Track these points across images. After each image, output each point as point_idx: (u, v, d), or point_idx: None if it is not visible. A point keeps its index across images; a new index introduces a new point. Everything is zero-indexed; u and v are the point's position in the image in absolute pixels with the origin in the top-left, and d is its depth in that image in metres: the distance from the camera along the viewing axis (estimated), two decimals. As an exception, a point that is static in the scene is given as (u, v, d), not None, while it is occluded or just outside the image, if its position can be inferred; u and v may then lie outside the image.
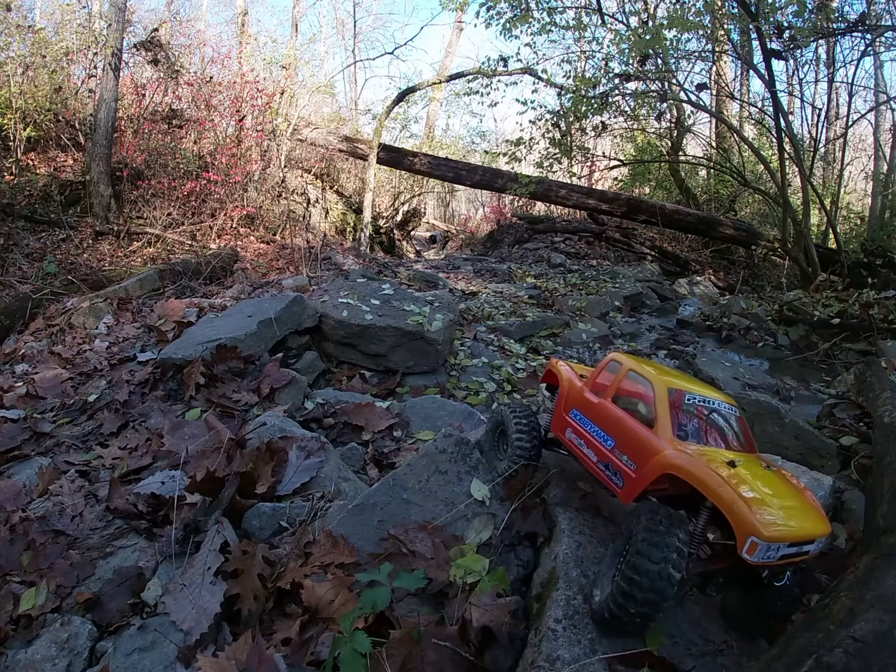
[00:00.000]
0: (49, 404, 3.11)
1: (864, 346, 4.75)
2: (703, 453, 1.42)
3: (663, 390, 1.57)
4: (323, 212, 11.64)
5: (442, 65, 18.24)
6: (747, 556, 1.24)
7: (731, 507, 1.26)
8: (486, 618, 1.48)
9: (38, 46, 8.18)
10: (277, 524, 1.98)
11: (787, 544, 1.27)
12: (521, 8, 7.99)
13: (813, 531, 1.33)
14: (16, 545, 1.97)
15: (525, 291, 6.70)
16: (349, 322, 3.77)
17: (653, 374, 1.64)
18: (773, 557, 1.26)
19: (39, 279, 6.01)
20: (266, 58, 11.85)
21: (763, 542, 1.22)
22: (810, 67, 10.62)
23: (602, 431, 1.67)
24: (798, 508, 1.36)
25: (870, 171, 13.33)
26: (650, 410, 1.57)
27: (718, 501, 1.29)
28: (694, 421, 1.56)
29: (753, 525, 1.23)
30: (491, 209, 17.56)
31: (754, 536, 1.22)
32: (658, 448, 1.46)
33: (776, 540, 1.24)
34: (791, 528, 1.29)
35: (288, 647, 1.53)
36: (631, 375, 1.71)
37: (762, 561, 1.25)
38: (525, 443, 1.95)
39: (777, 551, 1.26)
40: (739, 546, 1.25)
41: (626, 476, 1.53)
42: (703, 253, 11.17)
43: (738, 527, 1.25)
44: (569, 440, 1.83)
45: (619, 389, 1.71)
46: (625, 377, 1.71)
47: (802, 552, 1.32)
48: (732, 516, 1.26)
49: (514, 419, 2.00)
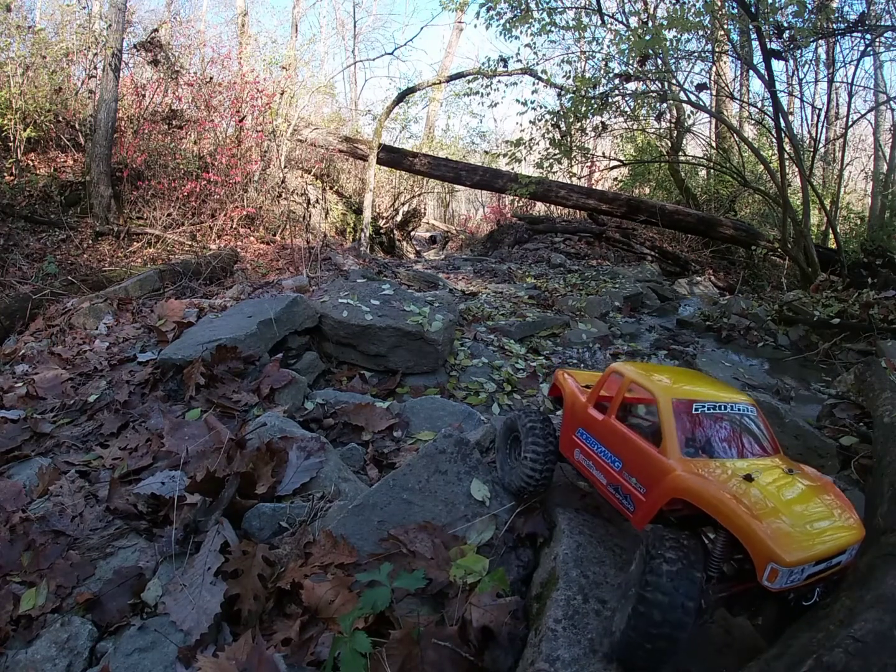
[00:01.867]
0: (49, 405, 3.11)
1: (864, 346, 4.75)
2: (717, 469, 1.36)
3: (667, 403, 1.48)
4: (323, 212, 11.64)
5: (442, 65, 18.26)
6: (768, 584, 1.16)
7: (747, 533, 1.18)
8: (486, 618, 1.48)
9: (38, 47, 8.19)
10: (277, 524, 1.97)
11: (812, 563, 1.19)
12: (521, 8, 8.00)
13: (843, 543, 1.24)
14: (16, 545, 1.97)
15: (525, 292, 6.70)
16: (349, 322, 3.77)
17: (656, 385, 1.55)
18: (797, 580, 1.18)
19: (39, 280, 6.02)
20: (266, 58, 11.87)
21: (785, 569, 1.14)
22: (810, 67, 10.64)
23: (609, 452, 1.58)
24: (825, 519, 1.27)
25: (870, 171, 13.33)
26: (656, 426, 1.49)
27: (733, 528, 1.21)
28: (704, 432, 1.47)
29: (772, 551, 1.14)
30: (491, 209, 17.57)
31: (774, 563, 1.14)
32: (667, 469, 1.37)
33: (799, 563, 1.16)
34: (816, 547, 1.20)
35: (288, 648, 1.53)
36: (634, 388, 1.63)
37: (786, 586, 1.17)
38: (539, 455, 1.83)
39: (802, 573, 1.18)
40: (759, 574, 1.17)
41: (637, 500, 1.44)
42: (703, 253, 11.17)
43: (755, 554, 1.17)
44: (578, 461, 1.73)
45: (622, 404, 1.63)
46: (627, 390, 1.63)
47: (832, 566, 1.24)
48: (749, 543, 1.18)
49: (529, 425, 1.88)
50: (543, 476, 1.84)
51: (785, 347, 5.33)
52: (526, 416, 1.92)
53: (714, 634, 1.49)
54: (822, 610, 1.29)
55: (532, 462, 1.82)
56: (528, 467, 1.83)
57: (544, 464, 1.83)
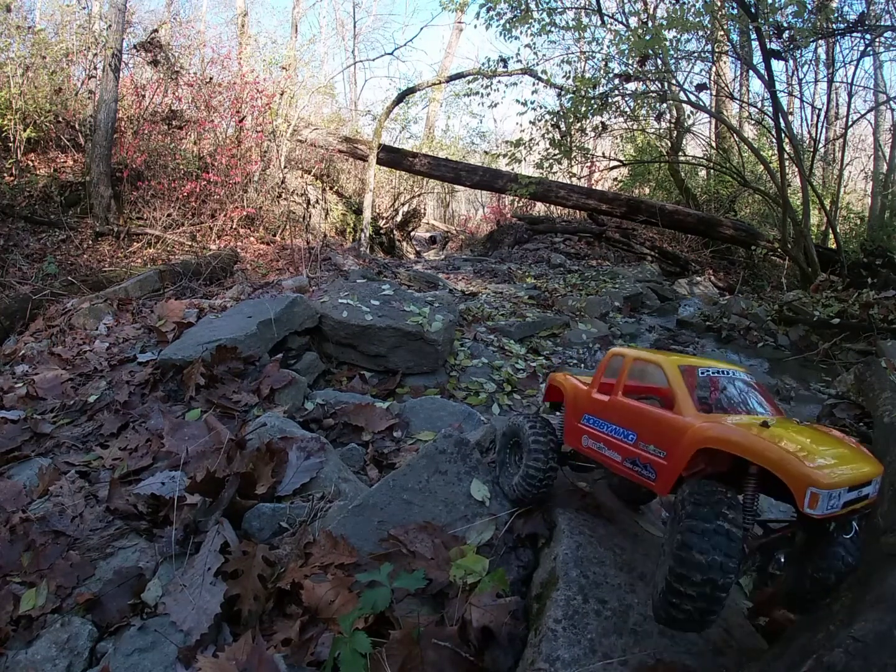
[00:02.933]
0: (49, 405, 3.11)
1: (864, 346, 4.75)
2: (733, 420, 1.37)
3: (674, 369, 1.52)
4: (323, 212, 11.64)
5: (442, 65, 18.27)
6: (811, 511, 1.14)
7: (782, 464, 1.17)
8: (486, 618, 1.48)
9: (38, 47, 8.19)
10: (277, 525, 1.97)
11: (846, 489, 1.19)
12: (521, 9, 8.01)
13: (869, 472, 1.26)
14: (16, 546, 1.97)
15: (525, 292, 6.70)
16: (349, 323, 3.77)
17: (659, 357, 1.60)
18: (836, 507, 1.17)
19: (39, 280, 6.02)
20: (266, 59, 11.88)
21: (823, 491, 1.14)
22: (810, 67, 10.66)
23: (620, 428, 1.59)
24: (846, 453, 1.29)
25: (870, 171, 13.34)
26: (663, 399, 1.51)
27: (767, 462, 1.20)
28: (713, 393, 1.51)
29: (809, 476, 1.14)
30: (491, 210, 17.57)
31: (813, 487, 1.14)
32: (686, 425, 1.38)
33: (836, 486, 1.16)
34: (847, 472, 1.21)
35: (288, 648, 1.53)
36: (637, 365, 1.66)
37: (827, 512, 1.16)
38: (540, 461, 1.78)
39: (839, 498, 1.17)
40: (799, 502, 1.15)
41: (658, 466, 1.44)
42: (703, 253, 11.17)
43: (794, 482, 1.16)
44: (587, 448, 1.71)
45: (627, 382, 1.65)
46: (631, 367, 1.66)
47: (862, 496, 1.24)
48: (786, 473, 1.17)
49: (531, 430, 1.84)
50: (545, 483, 1.82)
51: (785, 347, 5.34)
52: (527, 421, 1.88)
53: (714, 634, 1.49)
54: (822, 610, 1.29)
55: (534, 468, 1.79)
56: (529, 473, 1.80)
57: (546, 470, 1.80)
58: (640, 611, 1.49)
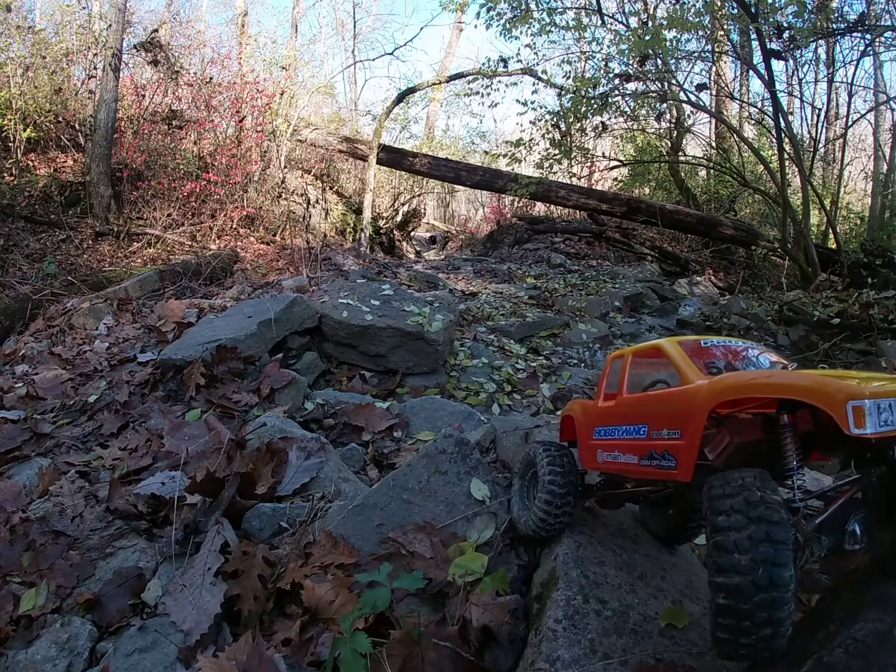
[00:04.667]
0: (49, 405, 3.11)
1: (864, 346, 4.75)
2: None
3: (674, 345, 1.44)
4: (323, 212, 11.64)
5: (442, 65, 18.25)
6: (859, 431, 0.94)
7: (815, 389, 1.01)
8: (486, 617, 1.48)
9: (38, 47, 8.19)
10: (277, 525, 1.97)
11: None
12: (521, 9, 8.01)
13: None
14: (16, 546, 1.97)
15: (525, 292, 6.70)
16: (349, 322, 3.77)
17: (657, 341, 1.53)
18: (891, 421, 0.97)
19: (39, 280, 6.02)
20: (266, 58, 11.86)
21: (869, 401, 0.95)
22: (810, 67, 10.66)
23: (631, 426, 1.46)
24: (877, 377, 1.12)
25: (870, 171, 13.33)
26: (671, 373, 1.40)
27: (796, 393, 1.03)
28: (720, 361, 1.41)
29: (847, 389, 0.97)
30: (491, 210, 17.55)
31: (854, 400, 0.95)
32: (695, 390, 1.25)
33: (885, 394, 0.98)
34: (892, 387, 1.02)
35: (288, 648, 1.53)
36: (636, 359, 1.58)
37: (882, 430, 0.96)
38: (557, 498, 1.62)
39: (892, 411, 0.98)
40: (843, 424, 0.95)
41: (676, 449, 1.28)
42: (703, 253, 11.16)
43: (831, 403, 0.97)
44: (604, 463, 1.57)
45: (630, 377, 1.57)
46: (631, 363, 1.58)
47: None
48: (820, 396, 1.00)
49: (548, 463, 1.67)
50: (559, 521, 1.67)
51: (785, 347, 5.34)
52: (544, 451, 1.72)
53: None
54: (822, 610, 1.29)
55: (547, 507, 1.63)
56: (543, 510, 1.64)
57: (562, 506, 1.64)
58: (640, 611, 1.49)
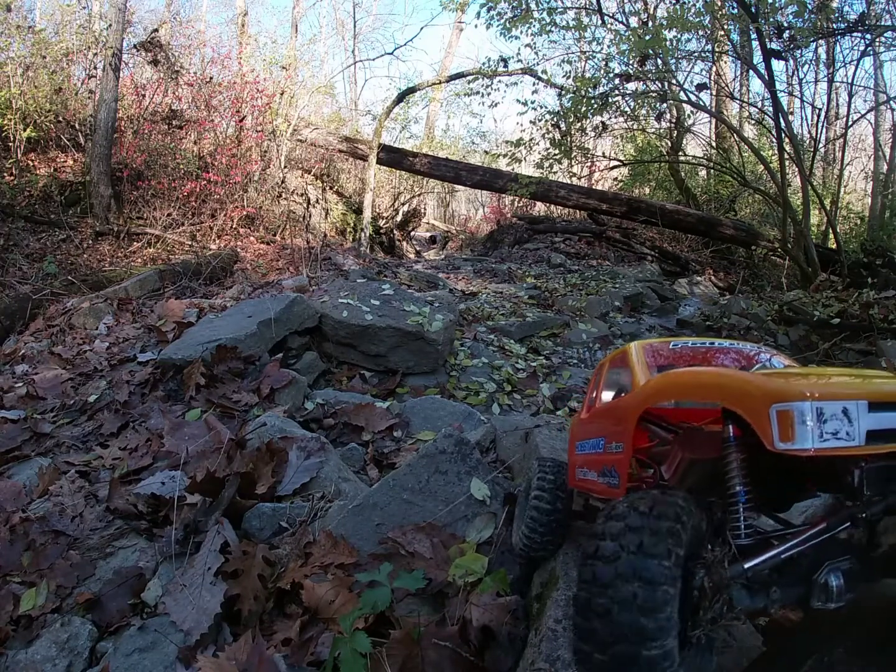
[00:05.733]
0: (49, 405, 3.11)
1: (864, 346, 4.75)
2: None
3: (637, 348, 1.30)
4: (323, 212, 11.64)
5: (442, 65, 18.25)
6: (782, 445, 0.70)
7: (734, 388, 0.79)
8: (486, 617, 1.48)
9: (39, 47, 8.18)
10: (277, 524, 1.98)
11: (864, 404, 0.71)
12: (522, 8, 8.00)
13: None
14: (16, 545, 1.97)
15: (525, 292, 6.69)
16: (349, 322, 3.77)
17: (627, 345, 1.39)
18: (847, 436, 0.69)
19: (39, 280, 6.02)
20: (266, 58, 11.85)
21: (800, 404, 0.69)
22: (810, 67, 10.65)
23: (594, 441, 1.32)
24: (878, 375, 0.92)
25: (870, 171, 13.34)
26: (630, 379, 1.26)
27: (714, 393, 0.81)
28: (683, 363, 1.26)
29: (772, 388, 0.74)
30: (491, 209, 17.54)
31: (779, 403, 0.70)
32: (631, 396, 1.11)
33: (826, 397, 0.71)
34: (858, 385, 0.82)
35: (288, 648, 1.53)
36: (612, 366, 1.45)
37: (822, 446, 0.69)
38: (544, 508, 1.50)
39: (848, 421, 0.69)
40: (765, 436, 0.72)
41: (618, 462, 1.13)
42: (703, 253, 11.16)
43: (750, 407, 0.75)
44: (579, 482, 1.43)
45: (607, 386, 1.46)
46: (607, 371, 1.47)
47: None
48: (738, 398, 0.77)
49: (538, 475, 1.57)
50: (546, 536, 1.56)
51: (785, 347, 5.33)
52: (538, 463, 1.62)
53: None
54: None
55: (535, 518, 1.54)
56: (531, 520, 1.55)
57: (550, 514, 1.53)
58: (640, 611, 1.49)
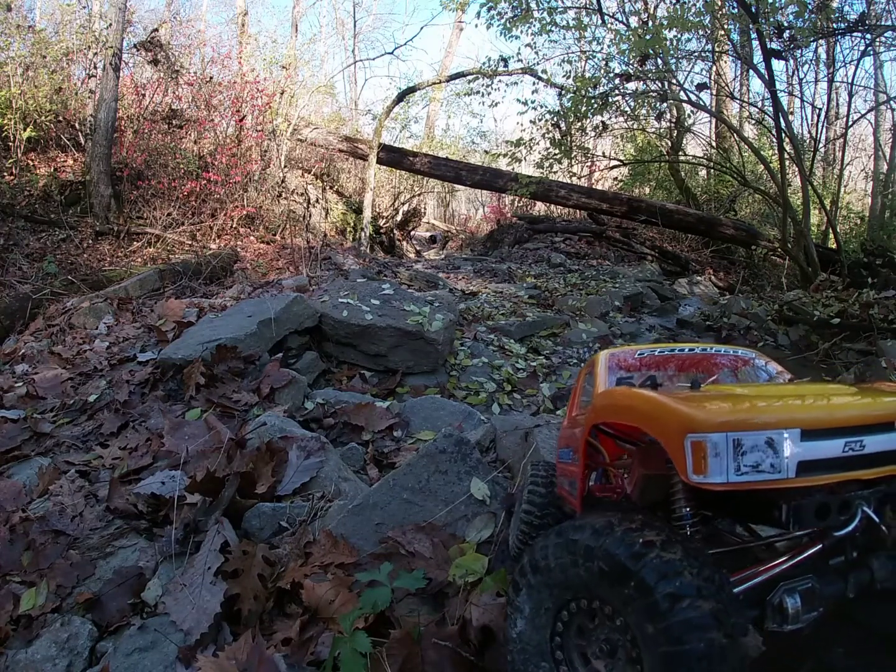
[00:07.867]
0: (49, 404, 3.11)
1: (864, 346, 4.74)
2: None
3: (603, 358, 1.29)
4: (323, 212, 11.63)
5: (442, 65, 18.24)
6: (696, 478, 0.66)
7: (651, 413, 0.74)
8: (486, 617, 1.48)
9: (39, 47, 8.18)
10: (277, 524, 1.98)
11: (796, 432, 0.66)
12: (522, 8, 7.99)
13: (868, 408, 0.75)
14: (16, 545, 1.97)
15: (525, 291, 6.69)
16: (349, 322, 3.77)
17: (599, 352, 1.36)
18: (770, 469, 0.63)
19: (39, 279, 6.01)
20: (266, 58, 11.83)
21: (713, 436, 0.63)
22: (810, 67, 10.64)
23: (565, 450, 1.30)
24: (825, 394, 0.85)
25: (870, 171, 13.33)
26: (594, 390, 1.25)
27: (635, 417, 0.77)
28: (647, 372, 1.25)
29: (687, 417, 0.68)
30: (491, 209, 17.53)
31: (694, 434, 0.66)
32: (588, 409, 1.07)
33: (748, 427, 0.65)
34: (789, 412, 0.73)
35: (288, 647, 1.53)
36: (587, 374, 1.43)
37: (738, 480, 0.64)
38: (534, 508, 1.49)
39: (773, 453, 0.64)
40: (679, 468, 0.68)
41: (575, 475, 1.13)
42: (703, 253, 11.16)
43: (666, 436, 0.70)
44: (560, 492, 1.42)
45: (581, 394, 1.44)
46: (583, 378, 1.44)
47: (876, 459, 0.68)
48: (654, 425, 0.73)
49: (532, 475, 1.55)
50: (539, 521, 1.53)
51: (785, 347, 5.33)
52: (532, 466, 1.61)
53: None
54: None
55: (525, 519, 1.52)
56: (522, 521, 1.54)
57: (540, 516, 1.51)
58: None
